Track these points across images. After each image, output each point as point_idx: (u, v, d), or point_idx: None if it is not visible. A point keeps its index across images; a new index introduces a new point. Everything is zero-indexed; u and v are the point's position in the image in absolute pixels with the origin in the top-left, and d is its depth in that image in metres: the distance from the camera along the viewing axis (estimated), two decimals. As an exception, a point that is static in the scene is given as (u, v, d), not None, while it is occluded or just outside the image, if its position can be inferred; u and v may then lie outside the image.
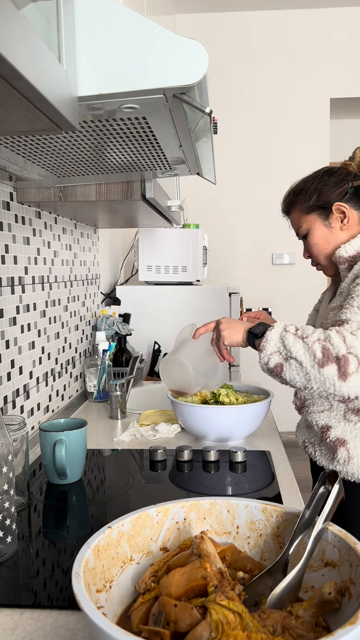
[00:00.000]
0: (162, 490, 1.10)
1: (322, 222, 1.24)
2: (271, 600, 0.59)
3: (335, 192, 1.22)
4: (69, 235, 1.80)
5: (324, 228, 1.24)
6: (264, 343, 1.07)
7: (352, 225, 1.22)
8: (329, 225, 1.23)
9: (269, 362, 1.05)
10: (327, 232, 1.24)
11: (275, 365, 1.04)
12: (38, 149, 0.95)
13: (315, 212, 1.24)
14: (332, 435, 1.17)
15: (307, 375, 1.00)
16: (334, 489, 0.67)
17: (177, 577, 0.59)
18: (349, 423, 1.16)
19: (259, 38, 3.88)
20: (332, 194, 1.22)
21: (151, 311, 2.41)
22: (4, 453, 0.81)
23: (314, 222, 1.25)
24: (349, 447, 1.14)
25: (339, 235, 1.23)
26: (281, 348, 1.04)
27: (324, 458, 1.22)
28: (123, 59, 0.70)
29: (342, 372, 0.97)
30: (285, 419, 3.40)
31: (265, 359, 1.06)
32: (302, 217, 1.27)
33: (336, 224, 1.23)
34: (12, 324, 1.31)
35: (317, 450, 1.25)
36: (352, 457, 1.14)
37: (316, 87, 3.89)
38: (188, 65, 0.69)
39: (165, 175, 1.28)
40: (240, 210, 3.99)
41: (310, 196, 1.24)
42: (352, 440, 1.14)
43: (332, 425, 1.18)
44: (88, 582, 0.57)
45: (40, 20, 0.58)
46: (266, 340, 1.06)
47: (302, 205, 1.26)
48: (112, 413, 1.63)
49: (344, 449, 1.15)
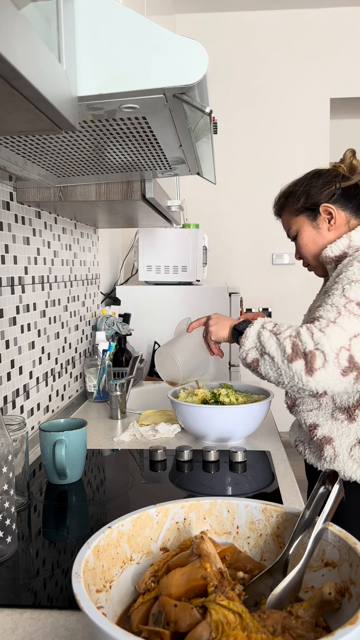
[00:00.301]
0: (162, 490, 1.10)
1: (310, 224, 1.27)
2: (271, 600, 0.59)
3: (322, 193, 1.24)
4: (69, 235, 1.80)
5: (312, 229, 1.27)
6: (242, 339, 1.13)
7: (339, 225, 1.24)
8: (317, 227, 1.26)
9: (246, 357, 1.12)
10: (315, 233, 1.26)
11: (252, 360, 1.10)
12: (38, 149, 0.95)
13: (304, 214, 1.27)
14: (319, 433, 1.19)
15: (279, 370, 1.05)
16: (334, 489, 0.67)
17: (177, 577, 0.59)
18: (336, 421, 1.17)
19: (258, 38, 3.88)
20: (320, 195, 1.25)
21: (151, 311, 2.41)
22: (4, 453, 0.81)
23: (303, 224, 1.28)
24: (335, 444, 1.16)
25: (326, 235, 1.25)
26: (257, 344, 1.10)
27: (312, 456, 1.24)
28: (123, 59, 0.70)
29: (309, 368, 1.01)
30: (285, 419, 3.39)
31: (243, 354, 1.12)
32: (292, 219, 1.30)
33: (323, 225, 1.25)
34: (12, 324, 1.31)
35: (306, 449, 1.27)
36: (338, 455, 1.16)
37: (316, 87, 3.89)
38: (188, 65, 0.69)
39: (165, 175, 1.28)
40: (240, 210, 3.99)
41: (299, 198, 1.27)
42: (338, 438, 1.16)
43: (320, 424, 1.20)
44: (88, 582, 0.57)
45: (40, 20, 0.58)
46: (245, 336, 1.13)
47: (291, 208, 1.29)
48: (112, 413, 1.63)
49: (330, 447, 1.17)
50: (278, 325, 1.11)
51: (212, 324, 1.26)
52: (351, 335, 1.01)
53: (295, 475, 1.21)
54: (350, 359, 1.00)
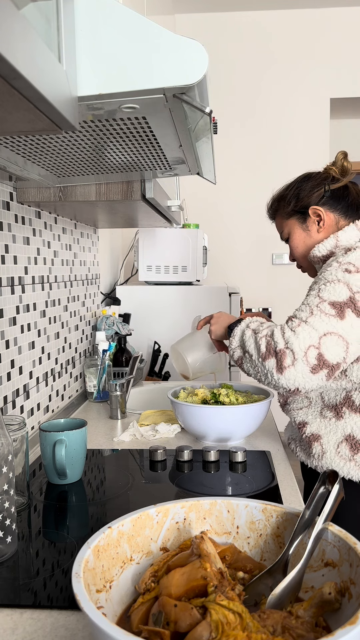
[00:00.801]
0: (162, 490, 1.10)
1: (300, 226, 1.30)
2: (271, 600, 0.59)
3: (311, 196, 1.27)
4: (69, 235, 1.80)
5: (302, 231, 1.30)
6: (231, 338, 1.20)
7: (328, 227, 1.27)
8: (307, 229, 1.29)
9: (233, 354, 1.19)
10: (304, 235, 1.29)
11: (238, 357, 1.18)
12: (38, 149, 0.95)
13: (294, 217, 1.30)
14: (307, 431, 1.21)
15: (256, 368, 1.11)
16: (334, 489, 0.67)
17: (177, 577, 0.59)
18: (324, 419, 1.19)
19: (258, 38, 3.87)
20: (309, 198, 1.27)
21: (151, 311, 2.41)
22: (4, 453, 0.81)
23: (293, 226, 1.31)
24: (322, 442, 1.18)
25: (316, 237, 1.28)
26: (241, 342, 1.16)
27: (303, 453, 1.26)
28: (123, 59, 0.70)
29: (279, 366, 1.06)
30: (285, 419, 3.40)
31: (231, 352, 1.20)
32: (284, 222, 1.34)
33: (313, 227, 1.28)
34: (12, 324, 1.31)
35: (297, 446, 1.29)
36: (325, 452, 1.17)
37: (316, 87, 3.89)
38: (188, 65, 0.69)
39: (165, 175, 1.28)
40: (240, 210, 3.99)
41: (289, 202, 1.30)
42: (325, 436, 1.18)
43: (309, 422, 1.22)
44: (88, 582, 0.57)
45: (40, 20, 0.58)
46: (232, 335, 1.20)
47: (282, 211, 1.33)
48: (112, 413, 1.63)
49: (318, 444, 1.18)
50: (261, 324, 1.17)
51: (213, 323, 1.34)
52: (321, 334, 1.05)
53: (295, 475, 1.21)
54: (319, 357, 1.04)
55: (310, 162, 3.85)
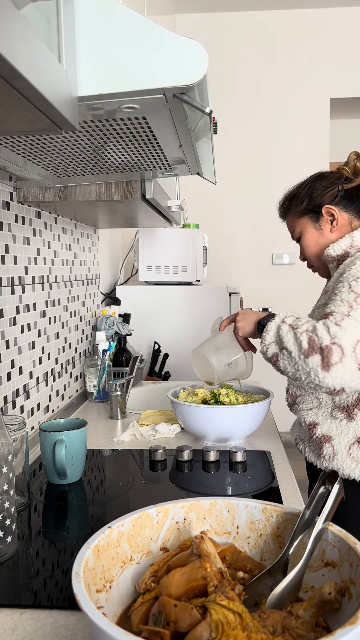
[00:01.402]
0: (162, 490, 1.10)
1: (312, 225, 1.29)
2: (271, 600, 0.59)
3: (325, 195, 1.26)
4: (69, 235, 1.80)
5: (315, 230, 1.29)
6: (264, 333, 1.12)
7: (341, 226, 1.26)
8: (319, 228, 1.28)
9: (267, 351, 1.11)
10: (317, 234, 1.28)
11: (272, 354, 1.10)
12: (38, 149, 0.95)
13: (307, 216, 1.29)
14: (318, 431, 1.20)
15: (296, 366, 1.04)
16: (334, 489, 0.67)
17: (177, 577, 0.59)
18: (335, 420, 1.18)
19: (258, 38, 3.87)
20: (322, 197, 1.27)
21: (151, 311, 2.41)
22: (4, 453, 0.81)
23: (306, 225, 1.30)
24: (333, 443, 1.17)
25: (329, 236, 1.27)
26: (277, 338, 1.09)
27: (312, 454, 1.25)
28: (123, 59, 0.70)
29: (325, 363, 0.99)
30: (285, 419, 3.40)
31: (264, 348, 1.12)
32: (295, 221, 1.32)
33: (326, 226, 1.27)
34: (12, 324, 1.31)
35: (306, 447, 1.27)
36: (337, 453, 1.16)
37: (316, 87, 3.89)
38: (188, 65, 0.69)
39: (165, 175, 1.28)
40: (240, 210, 3.99)
41: (302, 200, 1.29)
42: (337, 437, 1.17)
43: (319, 422, 1.20)
44: (88, 582, 0.57)
45: (40, 20, 0.58)
46: (266, 330, 1.12)
47: (294, 210, 1.32)
48: (112, 413, 1.63)
49: (329, 445, 1.17)
50: (298, 319, 1.09)
51: (239, 320, 1.26)
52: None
53: (295, 475, 1.21)
54: None
55: (310, 162, 3.86)
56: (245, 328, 1.24)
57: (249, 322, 1.24)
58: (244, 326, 1.25)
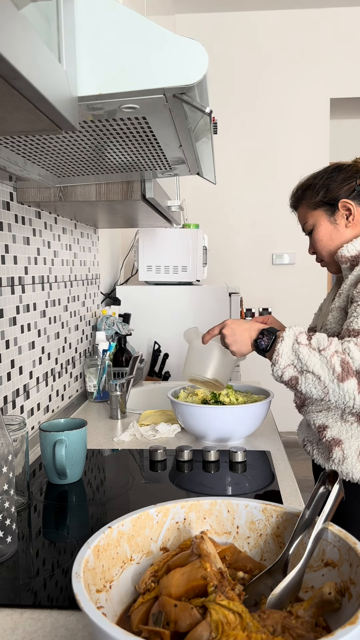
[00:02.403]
0: (162, 490, 1.10)
1: (327, 219, 1.24)
2: (271, 600, 0.59)
3: (342, 188, 1.22)
4: (69, 235, 1.80)
5: (329, 224, 1.24)
6: (275, 357, 1.05)
7: (357, 222, 1.22)
8: (334, 222, 1.23)
9: (282, 375, 1.05)
10: (332, 228, 1.24)
11: (290, 378, 1.04)
12: (38, 149, 0.95)
13: (322, 208, 1.24)
14: (328, 434, 1.17)
15: (326, 389, 0.99)
16: (334, 489, 0.67)
17: (177, 577, 0.59)
18: (346, 423, 1.16)
19: (258, 38, 3.87)
20: (340, 190, 1.22)
21: (151, 311, 2.41)
22: (4, 453, 0.81)
23: (320, 218, 1.25)
24: (344, 447, 1.14)
25: (343, 232, 1.23)
26: (295, 361, 1.03)
27: (321, 457, 1.23)
28: (123, 59, 0.70)
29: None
30: (285, 419, 3.40)
31: (278, 372, 1.05)
32: (309, 213, 1.27)
33: (341, 221, 1.23)
34: (12, 324, 1.31)
35: (315, 449, 1.25)
36: (347, 457, 1.14)
37: (316, 87, 3.89)
38: (188, 65, 0.69)
39: (165, 175, 1.28)
40: (240, 210, 3.99)
41: (318, 192, 1.24)
42: (347, 441, 1.14)
43: (329, 425, 1.18)
44: (88, 582, 0.57)
45: (40, 20, 0.58)
46: (278, 353, 1.05)
47: (309, 201, 1.26)
48: (112, 413, 1.63)
49: (339, 449, 1.15)
50: (315, 338, 1.04)
51: (230, 342, 1.18)
52: None
53: (295, 475, 1.21)
54: None
55: (310, 162, 3.85)
56: (241, 350, 1.17)
57: (244, 344, 1.17)
58: (240, 349, 1.17)
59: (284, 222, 3.92)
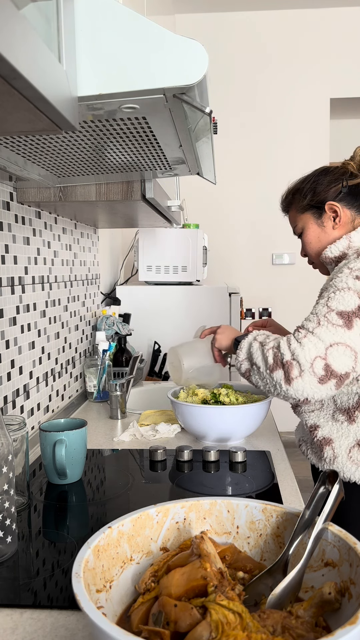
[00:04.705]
0: (162, 490, 1.10)
1: (315, 221, 1.27)
2: (271, 600, 0.59)
3: (329, 191, 1.24)
4: (69, 235, 1.80)
5: (317, 227, 1.26)
6: (238, 350, 1.20)
7: (344, 224, 1.24)
8: (322, 224, 1.26)
9: (240, 367, 1.19)
10: (319, 230, 1.26)
11: (245, 370, 1.17)
12: (38, 149, 0.95)
13: (309, 211, 1.27)
14: (319, 434, 1.19)
15: (264, 379, 1.11)
16: (334, 489, 0.67)
17: (177, 577, 0.59)
18: (336, 423, 1.17)
19: (259, 38, 3.87)
20: (326, 193, 1.24)
21: (151, 311, 2.41)
22: (4, 453, 0.81)
23: (308, 221, 1.28)
24: (334, 446, 1.16)
25: (331, 233, 1.25)
26: (249, 355, 1.16)
27: (314, 456, 1.24)
28: (123, 59, 0.70)
29: (287, 377, 1.06)
30: (285, 419, 3.40)
31: (238, 364, 1.20)
32: (298, 216, 1.30)
33: (328, 223, 1.25)
34: (12, 324, 1.31)
35: (308, 449, 1.27)
36: (337, 456, 1.16)
37: (316, 87, 3.89)
38: (188, 65, 0.69)
39: (165, 175, 1.28)
40: (240, 210, 3.99)
41: (305, 195, 1.27)
42: (337, 440, 1.16)
43: (320, 425, 1.20)
44: (88, 582, 0.57)
45: (40, 20, 0.58)
46: (240, 348, 1.20)
47: (297, 205, 1.29)
48: (112, 413, 1.63)
49: (330, 448, 1.17)
50: (268, 337, 1.17)
51: (219, 333, 1.34)
52: (327, 345, 1.04)
53: (295, 475, 1.21)
54: (326, 367, 1.03)
55: (310, 162, 3.85)
56: (222, 342, 1.33)
57: (227, 338, 1.33)
58: (222, 340, 1.33)
59: (284, 222, 3.89)
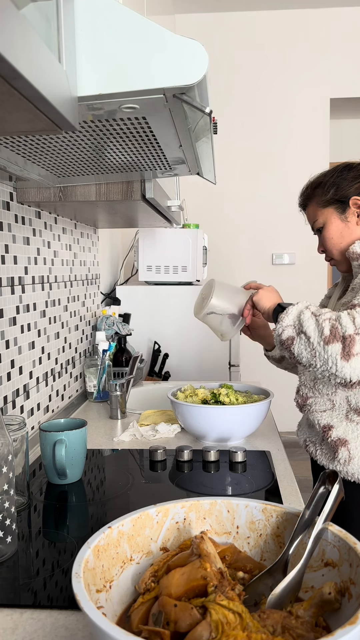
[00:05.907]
0: (162, 490, 1.10)
1: (338, 216, 1.24)
2: (271, 600, 0.59)
3: (353, 186, 1.23)
4: (69, 235, 1.80)
5: (340, 222, 1.24)
6: (282, 315, 1.12)
7: None
8: (345, 220, 1.24)
9: (282, 333, 1.10)
10: (342, 226, 1.24)
11: (287, 337, 1.09)
12: (38, 149, 0.95)
13: (332, 206, 1.25)
14: (333, 435, 1.16)
15: (313, 351, 1.03)
16: (334, 489, 0.67)
17: (177, 577, 0.59)
18: (351, 423, 1.15)
19: (259, 38, 3.87)
20: (350, 188, 1.23)
21: (151, 311, 2.41)
22: (4, 453, 0.81)
23: (330, 216, 1.25)
24: (350, 447, 1.14)
25: (354, 230, 1.24)
26: (296, 322, 1.08)
27: (324, 457, 1.22)
28: (123, 59, 0.70)
29: (346, 352, 0.99)
30: (285, 419, 3.41)
31: (280, 330, 1.11)
32: (319, 211, 1.27)
33: (352, 219, 1.23)
34: (12, 324, 1.31)
35: (317, 450, 1.24)
36: (353, 458, 1.13)
37: (316, 87, 3.89)
38: (188, 65, 0.69)
39: (165, 175, 1.28)
40: (240, 210, 3.99)
41: (328, 190, 1.24)
42: (353, 441, 1.14)
43: (334, 425, 1.17)
44: (88, 582, 0.57)
45: (40, 20, 0.58)
46: (286, 313, 1.11)
47: (319, 199, 1.27)
48: (112, 413, 1.63)
49: (345, 449, 1.14)
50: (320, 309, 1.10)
51: (264, 291, 1.27)
52: None
53: (295, 475, 1.21)
54: None
55: (310, 162, 3.86)
56: (263, 300, 1.25)
57: (270, 299, 1.25)
58: (264, 298, 1.25)
59: (284, 222, 3.92)
